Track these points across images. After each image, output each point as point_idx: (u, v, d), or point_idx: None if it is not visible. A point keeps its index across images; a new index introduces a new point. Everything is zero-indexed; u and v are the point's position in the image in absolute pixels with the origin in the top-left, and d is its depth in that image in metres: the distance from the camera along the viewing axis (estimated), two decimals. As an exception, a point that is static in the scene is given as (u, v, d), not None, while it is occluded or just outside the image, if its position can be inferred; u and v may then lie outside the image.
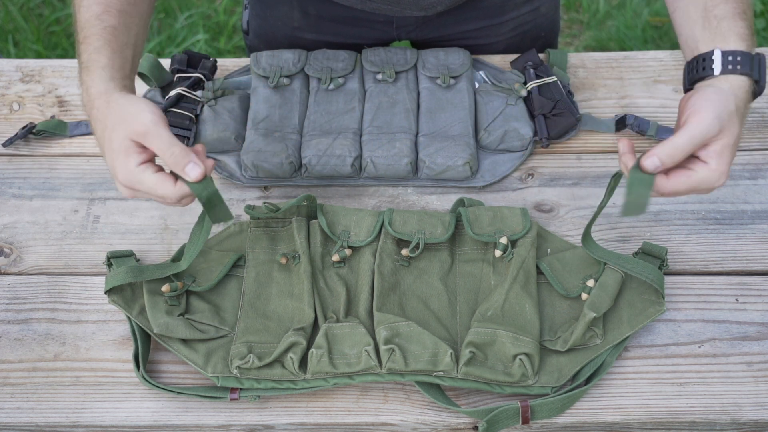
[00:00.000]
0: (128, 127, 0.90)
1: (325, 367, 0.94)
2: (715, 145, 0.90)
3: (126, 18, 0.99)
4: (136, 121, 0.90)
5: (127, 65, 0.98)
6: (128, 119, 0.90)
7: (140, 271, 0.99)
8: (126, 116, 0.90)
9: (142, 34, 1.02)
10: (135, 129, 0.89)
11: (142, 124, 0.89)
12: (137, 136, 0.89)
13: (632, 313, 0.99)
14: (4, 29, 2.36)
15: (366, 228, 1.05)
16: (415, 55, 1.23)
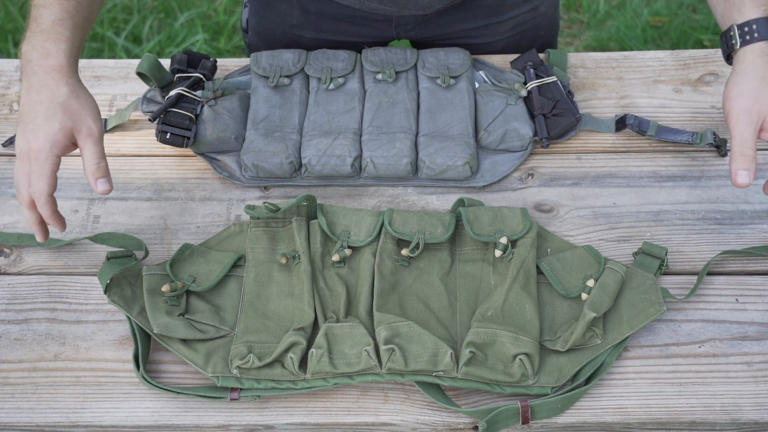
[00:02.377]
0: (79, 119, 0.94)
1: (325, 367, 0.94)
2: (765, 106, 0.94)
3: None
4: (89, 120, 0.95)
5: (80, 45, 0.99)
6: (81, 114, 0.95)
7: (122, 262, 1.02)
8: (82, 109, 0.95)
9: (94, 17, 1.03)
10: (85, 125, 0.94)
11: (93, 127, 0.95)
12: (83, 132, 0.94)
13: (632, 313, 0.99)
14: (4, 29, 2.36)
15: (366, 228, 1.05)
16: (415, 55, 1.23)
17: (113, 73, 1.26)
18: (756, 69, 0.97)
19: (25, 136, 0.94)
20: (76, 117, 0.95)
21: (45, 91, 0.95)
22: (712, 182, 1.13)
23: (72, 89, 0.96)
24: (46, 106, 0.94)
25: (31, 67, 0.96)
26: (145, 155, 1.17)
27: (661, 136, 1.16)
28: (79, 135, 0.96)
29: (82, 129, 0.96)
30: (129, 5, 2.42)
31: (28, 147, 0.94)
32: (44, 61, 0.96)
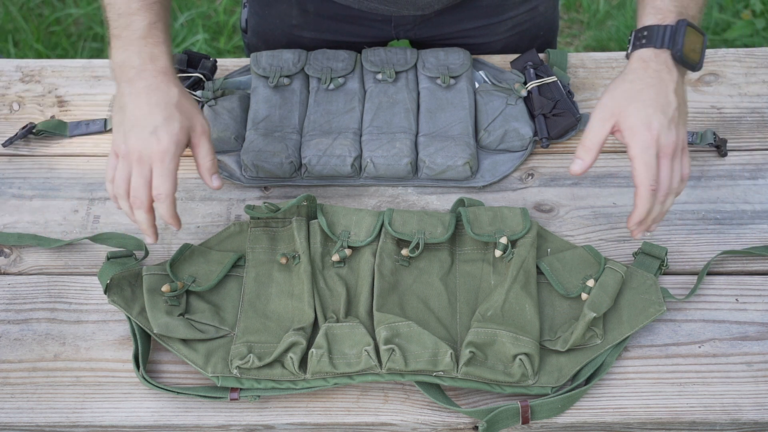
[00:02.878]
0: (193, 118, 0.98)
1: (325, 367, 0.94)
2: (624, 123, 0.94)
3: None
4: (201, 118, 0.99)
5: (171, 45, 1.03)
6: (194, 112, 0.98)
7: (122, 262, 1.02)
8: (192, 108, 0.98)
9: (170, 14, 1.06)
10: (199, 123, 0.98)
11: (204, 124, 0.99)
12: (197, 130, 0.98)
13: (632, 313, 0.99)
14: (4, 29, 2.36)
15: (366, 228, 1.05)
16: (415, 55, 1.23)
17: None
18: (630, 72, 0.97)
19: (144, 139, 0.94)
20: (190, 116, 0.98)
21: (158, 93, 0.96)
22: (712, 182, 1.13)
23: (180, 89, 0.98)
24: (163, 108, 0.95)
25: (137, 73, 0.96)
26: (145, 155, 1.17)
27: (661, 136, 1.16)
28: (194, 133, 0.98)
29: (197, 127, 0.98)
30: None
31: (150, 150, 0.94)
32: (151, 64, 0.97)
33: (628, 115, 0.94)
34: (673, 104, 0.94)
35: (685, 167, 0.96)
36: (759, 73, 1.24)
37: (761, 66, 1.24)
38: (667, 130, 0.93)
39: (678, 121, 0.94)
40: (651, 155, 0.93)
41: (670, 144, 0.93)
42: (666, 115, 0.94)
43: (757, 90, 1.22)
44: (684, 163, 0.96)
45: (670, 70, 0.96)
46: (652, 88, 0.95)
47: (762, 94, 1.21)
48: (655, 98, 0.94)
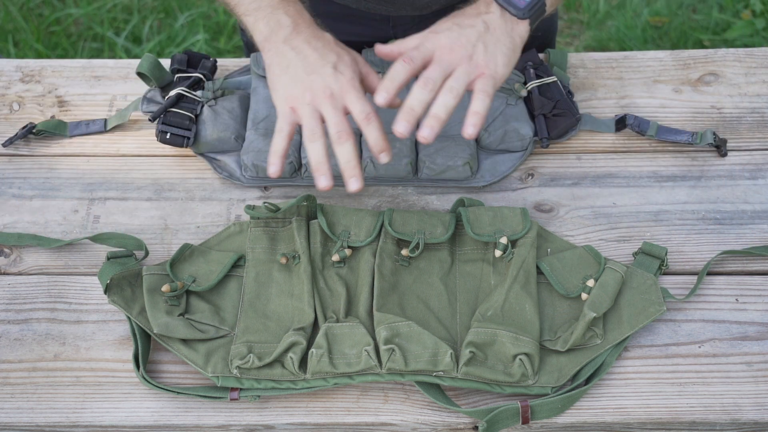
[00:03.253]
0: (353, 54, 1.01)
1: (325, 367, 0.94)
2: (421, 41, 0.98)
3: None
4: (354, 54, 1.02)
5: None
6: (352, 50, 1.02)
7: (122, 262, 1.02)
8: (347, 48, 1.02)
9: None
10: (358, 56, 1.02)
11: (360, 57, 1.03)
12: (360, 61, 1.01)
13: (632, 313, 0.99)
14: (4, 29, 2.36)
15: (366, 228, 1.05)
16: (415, 55, 1.23)
17: (113, 73, 1.26)
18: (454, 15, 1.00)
19: (329, 76, 0.97)
20: (350, 51, 1.01)
21: (319, 40, 1.00)
22: (712, 182, 1.13)
23: (338, 47, 1.01)
24: (331, 49, 0.99)
25: (290, 31, 1.00)
26: (145, 155, 1.17)
27: (661, 136, 1.16)
28: (359, 62, 1.01)
29: (359, 59, 1.02)
30: (129, 5, 2.43)
31: (340, 83, 0.97)
32: (300, 19, 1.01)
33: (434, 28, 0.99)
34: (476, 27, 0.96)
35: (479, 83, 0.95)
36: (759, 73, 1.24)
37: (761, 66, 1.24)
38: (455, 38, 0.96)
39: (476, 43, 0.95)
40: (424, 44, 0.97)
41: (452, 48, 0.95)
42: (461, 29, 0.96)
43: (757, 90, 1.22)
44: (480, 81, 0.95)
45: (487, 5, 0.98)
46: (462, 14, 0.99)
47: (762, 94, 1.21)
48: (459, 19, 0.98)
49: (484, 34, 0.96)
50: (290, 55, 0.99)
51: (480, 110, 0.96)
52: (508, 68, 0.98)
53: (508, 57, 0.98)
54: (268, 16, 1.01)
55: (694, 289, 1.01)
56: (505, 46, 0.98)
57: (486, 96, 0.96)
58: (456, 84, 0.95)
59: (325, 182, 0.98)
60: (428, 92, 0.95)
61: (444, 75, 0.95)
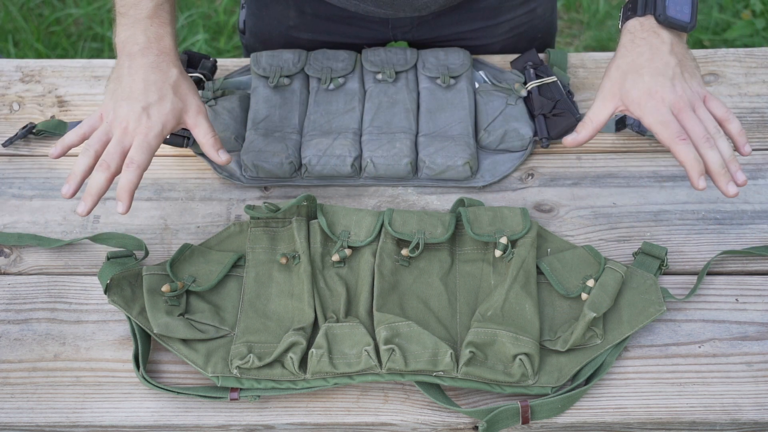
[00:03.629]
0: (188, 99, 1.00)
1: (325, 367, 0.94)
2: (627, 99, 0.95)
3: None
4: (197, 99, 1.01)
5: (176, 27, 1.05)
6: (190, 94, 1.00)
7: (122, 262, 1.02)
8: (189, 89, 1.01)
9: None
10: (194, 103, 1.00)
11: (200, 105, 1.01)
12: (192, 110, 1.00)
13: (632, 313, 0.99)
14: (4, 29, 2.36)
15: (366, 228, 1.05)
16: (415, 55, 1.23)
17: (113, 73, 1.26)
18: (621, 48, 0.98)
19: (133, 112, 0.97)
20: (185, 97, 1.00)
21: (156, 72, 0.99)
22: (713, 182, 1.13)
23: (180, 71, 1.01)
24: (159, 87, 0.99)
25: (139, 49, 1.00)
26: (145, 155, 1.17)
27: (661, 136, 1.16)
28: (187, 114, 1.01)
29: (191, 107, 1.01)
30: (129, 5, 2.42)
31: (138, 124, 0.97)
32: (155, 44, 1.00)
33: (628, 90, 0.95)
34: (670, 63, 0.94)
35: (717, 111, 0.95)
36: (759, 73, 1.24)
37: (761, 66, 1.24)
38: (671, 88, 0.93)
39: (682, 77, 0.94)
40: (664, 114, 0.93)
41: (680, 99, 0.93)
42: (665, 75, 0.94)
43: (757, 90, 1.22)
44: (714, 107, 0.95)
45: (658, 34, 0.96)
46: (643, 56, 0.95)
47: (762, 94, 1.21)
48: (649, 64, 0.95)
49: (680, 65, 0.95)
50: (125, 71, 1.00)
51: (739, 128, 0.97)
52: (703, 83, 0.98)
53: (698, 68, 0.98)
54: (129, 27, 1.01)
55: (694, 289, 1.01)
56: (692, 61, 0.97)
57: (730, 114, 0.96)
58: (712, 126, 0.94)
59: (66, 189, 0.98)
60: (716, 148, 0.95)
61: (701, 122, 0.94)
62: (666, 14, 0.94)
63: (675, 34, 0.97)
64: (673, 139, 0.93)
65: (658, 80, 0.94)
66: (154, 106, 0.98)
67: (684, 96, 0.94)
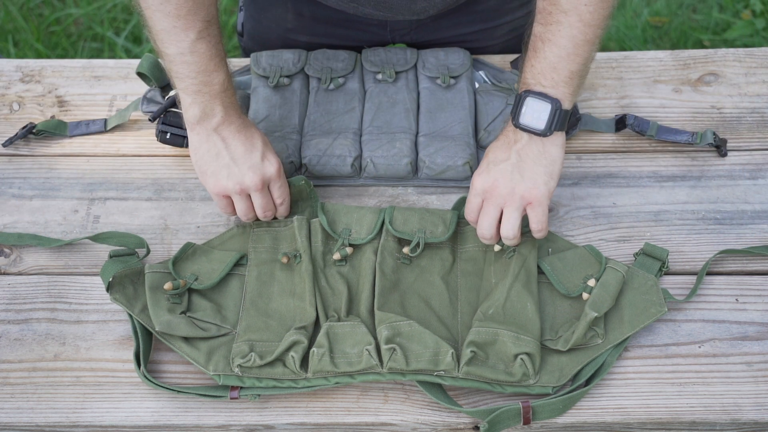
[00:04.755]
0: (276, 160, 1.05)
1: (326, 366, 0.94)
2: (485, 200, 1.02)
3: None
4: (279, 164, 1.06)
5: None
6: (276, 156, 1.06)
7: (125, 260, 1.02)
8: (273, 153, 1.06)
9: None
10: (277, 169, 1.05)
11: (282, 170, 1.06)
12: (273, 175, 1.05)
13: (633, 313, 0.99)
14: (4, 29, 2.36)
15: (367, 225, 1.05)
16: (415, 55, 1.23)
17: (113, 73, 1.26)
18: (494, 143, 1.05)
19: (259, 167, 1.03)
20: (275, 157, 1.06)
21: (247, 132, 1.05)
22: (712, 182, 1.13)
23: (264, 137, 1.07)
24: (258, 140, 1.05)
25: (220, 121, 1.04)
26: (145, 155, 1.17)
27: (661, 136, 1.16)
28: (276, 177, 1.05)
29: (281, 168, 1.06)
30: (129, 5, 2.43)
31: (269, 173, 1.04)
32: (234, 113, 1.05)
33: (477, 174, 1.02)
34: (510, 160, 1.00)
35: (533, 220, 1.00)
36: (759, 73, 1.24)
37: (761, 66, 1.24)
38: (491, 179, 1.00)
39: (512, 172, 1.00)
40: (473, 195, 1.02)
41: (492, 190, 1.00)
42: (497, 165, 1.00)
43: (757, 90, 1.22)
44: (531, 214, 1.00)
45: (515, 133, 1.02)
46: (495, 149, 1.03)
47: (762, 94, 1.21)
48: (493, 156, 1.02)
49: (518, 164, 1.00)
50: (220, 145, 1.04)
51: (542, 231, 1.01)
52: (554, 179, 1.01)
53: (550, 173, 1.00)
54: (205, 103, 1.03)
55: (694, 290, 1.01)
56: (542, 165, 1.00)
57: (542, 230, 1.01)
58: (509, 233, 1.00)
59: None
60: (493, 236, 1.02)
61: (495, 219, 1.01)
62: (518, 121, 1.01)
63: (534, 137, 1.01)
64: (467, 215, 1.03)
65: (488, 168, 1.01)
66: (267, 153, 1.05)
67: (499, 191, 0.99)
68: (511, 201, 0.99)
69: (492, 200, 1.00)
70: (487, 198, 1.01)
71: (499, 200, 1.00)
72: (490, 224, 1.00)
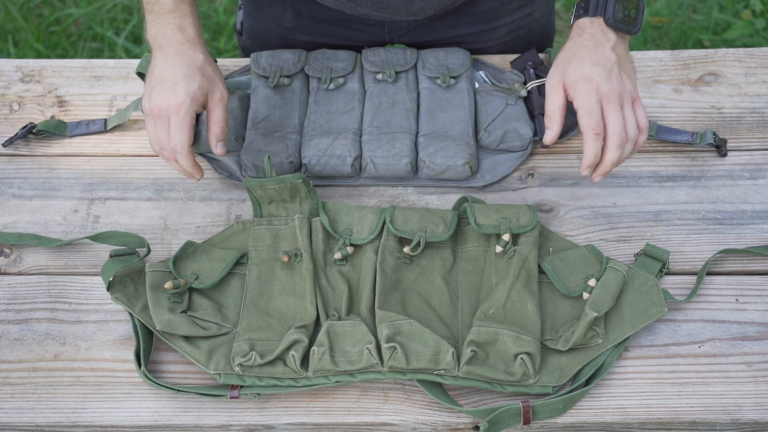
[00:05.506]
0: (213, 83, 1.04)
1: (326, 365, 0.94)
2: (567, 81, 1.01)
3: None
4: (221, 86, 1.05)
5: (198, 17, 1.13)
6: (215, 78, 1.05)
7: (125, 260, 1.02)
8: (215, 74, 1.05)
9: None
10: (218, 89, 1.04)
11: (224, 93, 1.05)
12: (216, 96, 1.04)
13: (634, 313, 0.99)
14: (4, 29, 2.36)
15: (368, 225, 1.05)
16: (415, 55, 1.23)
17: (113, 73, 1.27)
18: (569, 40, 1.05)
19: (163, 95, 1.01)
20: (211, 81, 1.04)
21: (183, 57, 1.04)
22: (712, 182, 1.13)
23: (206, 57, 1.06)
24: (185, 69, 1.03)
25: (166, 41, 1.05)
26: (145, 155, 1.17)
27: (661, 136, 1.16)
28: (212, 97, 1.04)
29: (216, 92, 1.05)
30: (129, 5, 2.43)
31: (168, 104, 1.01)
32: (179, 34, 1.06)
33: (569, 74, 1.01)
34: (611, 59, 1.01)
35: (640, 117, 1.00)
36: (759, 73, 1.24)
37: (761, 66, 1.25)
38: (607, 80, 0.99)
39: (620, 74, 1.00)
40: (592, 102, 0.99)
41: (612, 91, 0.99)
42: (604, 67, 1.00)
43: (757, 90, 1.22)
44: (638, 112, 1.00)
45: (604, 33, 1.03)
46: (586, 49, 1.02)
47: (762, 94, 1.22)
48: (591, 56, 1.01)
49: (619, 62, 1.01)
50: (155, 64, 1.05)
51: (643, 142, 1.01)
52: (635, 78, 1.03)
53: (634, 70, 1.04)
54: (155, 22, 1.06)
55: (694, 290, 1.01)
56: (631, 63, 1.03)
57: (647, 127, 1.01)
58: (632, 131, 0.99)
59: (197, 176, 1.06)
60: (620, 150, 0.99)
61: (622, 120, 0.99)
62: (614, 18, 1.01)
63: (620, 36, 1.03)
64: (590, 130, 0.99)
65: (596, 69, 1.00)
66: (180, 83, 1.01)
67: (616, 90, 0.99)
68: (627, 101, 1.00)
69: (614, 103, 0.99)
70: (609, 101, 0.99)
71: (620, 101, 0.99)
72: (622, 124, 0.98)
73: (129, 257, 1.04)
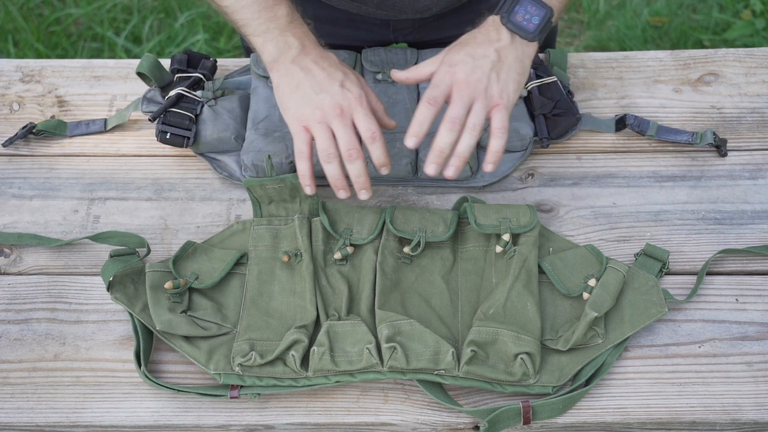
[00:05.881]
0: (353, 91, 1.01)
1: (326, 365, 0.94)
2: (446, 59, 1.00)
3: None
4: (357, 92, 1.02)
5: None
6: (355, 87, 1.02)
7: (125, 259, 1.02)
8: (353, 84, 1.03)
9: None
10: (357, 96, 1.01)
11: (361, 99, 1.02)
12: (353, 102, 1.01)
13: (634, 313, 0.99)
14: (4, 29, 2.36)
15: (368, 225, 1.05)
16: (415, 55, 1.23)
17: (113, 73, 1.27)
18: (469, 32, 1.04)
19: (336, 94, 1.00)
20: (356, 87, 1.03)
21: (326, 60, 1.04)
22: (712, 182, 1.13)
23: (344, 67, 1.05)
24: (338, 68, 1.03)
25: (297, 52, 1.03)
26: (145, 155, 1.18)
27: (661, 136, 1.16)
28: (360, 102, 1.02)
29: (361, 78, 1.05)
30: (129, 5, 2.43)
31: (347, 101, 1.00)
32: (308, 42, 1.05)
33: (447, 58, 1.00)
34: (489, 57, 0.99)
35: (495, 121, 0.98)
36: (759, 73, 1.24)
37: (761, 66, 1.25)
38: (469, 71, 0.98)
39: (490, 74, 0.98)
40: (443, 80, 0.98)
41: (467, 82, 0.97)
42: (475, 61, 0.99)
43: (757, 90, 1.22)
44: (497, 117, 0.98)
45: (498, 31, 1.01)
46: (474, 41, 1.02)
47: (762, 94, 1.22)
48: (472, 48, 1.00)
49: (497, 63, 0.99)
50: (299, 74, 1.02)
51: (499, 149, 0.99)
52: (518, 93, 1.01)
53: (519, 83, 1.01)
54: (277, 38, 1.04)
55: (694, 290, 1.01)
56: (516, 72, 1.00)
57: (504, 133, 0.99)
58: (477, 121, 0.98)
59: (344, 195, 1.03)
60: (455, 133, 0.98)
61: (466, 111, 0.98)
62: (509, 18, 1.00)
63: (516, 40, 1.01)
64: (424, 99, 0.98)
65: (465, 59, 0.99)
66: (347, 80, 1.02)
67: (472, 83, 0.98)
68: (482, 99, 0.98)
69: (464, 92, 0.98)
70: (459, 89, 0.98)
71: (472, 94, 0.98)
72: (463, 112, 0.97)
73: (129, 257, 1.04)
